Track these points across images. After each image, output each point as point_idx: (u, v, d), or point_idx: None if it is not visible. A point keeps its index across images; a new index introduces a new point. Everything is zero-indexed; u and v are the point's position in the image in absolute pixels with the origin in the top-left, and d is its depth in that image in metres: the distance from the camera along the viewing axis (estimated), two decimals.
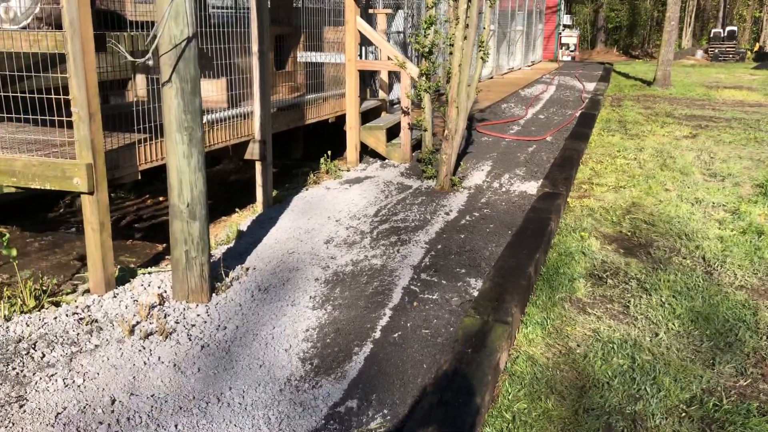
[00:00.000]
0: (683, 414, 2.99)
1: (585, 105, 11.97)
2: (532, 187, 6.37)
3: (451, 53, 6.05)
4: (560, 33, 26.92)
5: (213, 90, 5.69)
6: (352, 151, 7.30)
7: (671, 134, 10.08)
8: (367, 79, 8.56)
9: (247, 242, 4.75)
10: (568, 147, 8.14)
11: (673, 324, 3.83)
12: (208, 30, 5.16)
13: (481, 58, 6.03)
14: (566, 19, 28.48)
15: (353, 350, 3.27)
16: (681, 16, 35.60)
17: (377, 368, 3.12)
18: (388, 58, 7.01)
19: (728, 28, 31.91)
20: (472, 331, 3.40)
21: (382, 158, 7.53)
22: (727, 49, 29.75)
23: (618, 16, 40.50)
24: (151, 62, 3.42)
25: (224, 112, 5.29)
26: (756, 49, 33.06)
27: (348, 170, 7.06)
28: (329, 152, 6.88)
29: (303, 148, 8.05)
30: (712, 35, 31.59)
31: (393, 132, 7.70)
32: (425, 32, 6.27)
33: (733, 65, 27.04)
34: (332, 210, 5.52)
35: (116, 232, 6.07)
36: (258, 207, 5.61)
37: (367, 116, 7.94)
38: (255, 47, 5.28)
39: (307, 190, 6.23)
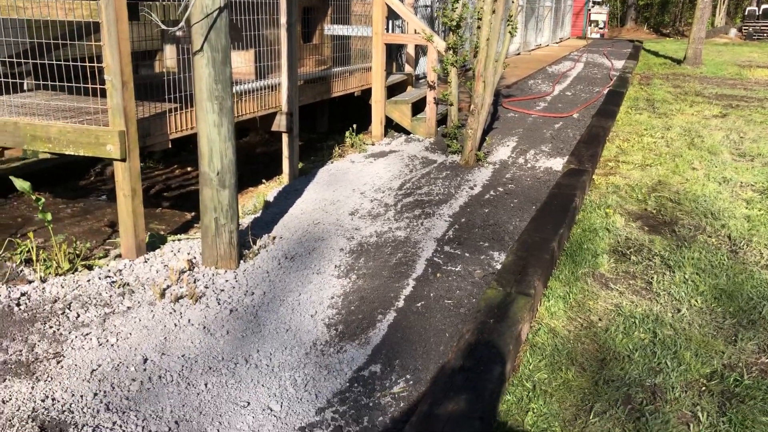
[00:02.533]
0: (703, 388, 3.02)
1: (613, 83, 11.82)
2: (557, 164, 6.35)
3: (479, 27, 6.02)
4: (589, 10, 26.47)
5: (241, 61, 5.74)
6: (377, 125, 7.32)
7: (700, 113, 9.94)
8: (393, 53, 8.55)
9: (273, 212, 4.83)
10: (595, 124, 8.08)
11: (696, 300, 3.83)
12: (238, 1, 5.20)
13: (509, 32, 5.99)
14: None
15: (377, 318, 3.33)
16: None
17: (400, 335, 3.18)
18: (415, 32, 6.98)
19: (763, 6, 31.07)
20: (495, 303, 3.45)
21: (407, 132, 7.54)
22: (762, 28, 29.04)
23: None
24: (182, 32, 3.47)
25: (252, 83, 5.33)
26: None
27: (373, 144, 7.09)
28: (354, 126, 6.91)
29: (328, 122, 8.09)
30: (746, 13, 30.84)
31: (418, 106, 7.70)
32: (453, 6, 6.24)
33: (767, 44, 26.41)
34: (357, 183, 5.57)
35: (146, 200, 6.17)
36: (284, 178, 5.67)
37: (392, 90, 7.94)
38: (283, 19, 5.30)
39: (332, 162, 6.28)
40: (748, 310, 3.74)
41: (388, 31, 8.66)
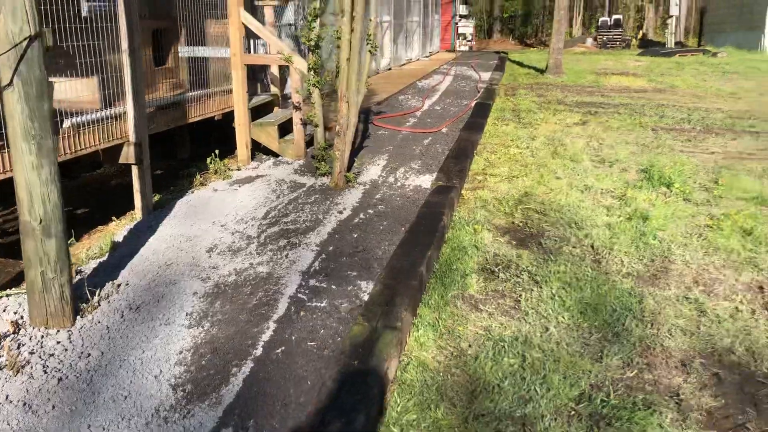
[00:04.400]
0: (572, 413, 2.96)
1: (480, 95, 12.09)
2: (426, 181, 6.29)
3: (338, 47, 5.86)
4: (457, 23, 27.28)
5: (83, 90, 5.26)
6: (242, 148, 6.99)
7: (563, 122, 10.32)
8: (258, 73, 8.25)
9: (122, 254, 4.40)
10: (463, 138, 8.15)
11: (563, 317, 3.82)
12: (78, 26, 4.78)
13: (369, 51, 5.87)
14: (462, 9, 28.89)
15: (231, 371, 3.04)
16: (571, 5, 36.97)
17: (257, 390, 2.91)
18: (278, 53, 6.73)
19: (614, 17, 33.46)
20: (360, 341, 3.25)
21: (276, 155, 7.26)
22: (614, 37, 31.17)
23: (513, 5, 41.62)
24: None
25: (92, 114, 4.88)
26: (640, 36, 34.81)
27: (239, 169, 6.75)
28: (217, 151, 6.54)
29: (190, 148, 7.65)
30: (599, 23, 33.01)
31: (286, 128, 7.44)
32: (311, 25, 6.05)
33: (619, 52, 28.32)
34: (218, 214, 5.22)
35: None
36: (137, 214, 5.24)
37: (258, 112, 7.64)
38: (125, 44, 4.89)
39: (192, 192, 5.88)
40: (612, 322, 3.77)
41: (250, 52, 8.37)
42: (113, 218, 5.28)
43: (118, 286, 3.85)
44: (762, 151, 8.16)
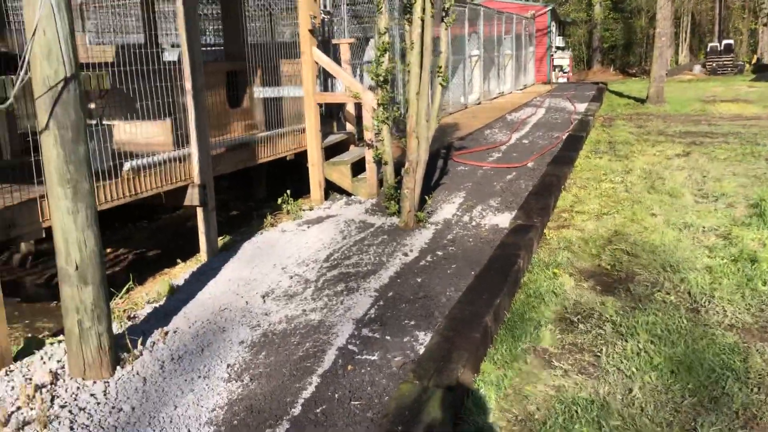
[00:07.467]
0: None
1: (573, 127, 11.50)
2: (504, 220, 5.87)
3: (409, 81, 5.62)
4: (552, 55, 26.62)
5: (157, 132, 5.31)
6: (315, 188, 6.85)
7: (662, 153, 9.59)
8: (334, 112, 8.17)
9: (178, 299, 4.27)
10: (549, 173, 7.66)
11: (650, 377, 3.30)
12: (159, 67, 4.85)
13: (441, 84, 5.59)
14: (558, 41, 28.22)
15: None
16: (676, 31, 35.38)
17: None
18: (347, 89, 6.60)
19: (725, 42, 31.59)
20: (407, 402, 2.89)
21: (350, 194, 7.07)
22: (725, 63, 29.38)
23: (612, 35, 40.33)
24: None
25: (157, 156, 4.87)
26: (754, 61, 32.70)
27: (311, 209, 6.60)
28: (288, 192, 6.42)
29: (267, 188, 7.61)
30: (709, 49, 31.27)
31: (360, 166, 7.26)
32: (379, 60, 5.86)
33: (731, 78, 26.61)
34: (282, 256, 5.04)
35: (36, 292, 5.63)
36: (202, 257, 5.15)
37: (334, 150, 7.52)
38: (188, 84, 4.87)
39: (261, 234, 5.76)
40: (709, 385, 3.21)
41: (329, 90, 8.33)
42: (179, 261, 5.21)
43: (166, 333, 3.70)
44: None
